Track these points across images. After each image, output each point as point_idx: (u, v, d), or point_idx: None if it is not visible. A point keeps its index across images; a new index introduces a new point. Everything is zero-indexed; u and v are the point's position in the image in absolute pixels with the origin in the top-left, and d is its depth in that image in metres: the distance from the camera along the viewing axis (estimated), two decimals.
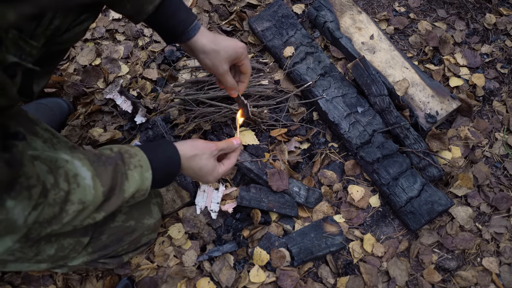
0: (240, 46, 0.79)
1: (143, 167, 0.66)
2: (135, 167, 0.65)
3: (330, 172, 1.17)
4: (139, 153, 0.67)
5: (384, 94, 1.18)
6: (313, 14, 1.39)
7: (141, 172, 0.66)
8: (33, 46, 0.60)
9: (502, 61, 1.38)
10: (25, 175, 0.48)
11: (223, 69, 0.78)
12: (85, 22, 0.73)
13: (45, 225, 0.54)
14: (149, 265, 1.03)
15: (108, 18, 1.43)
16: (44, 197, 0.52)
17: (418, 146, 1.14)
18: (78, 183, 0.57)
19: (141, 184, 0.66)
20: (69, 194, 0.55)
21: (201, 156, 0.75)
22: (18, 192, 0.47)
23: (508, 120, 1.26)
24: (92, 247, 0.77)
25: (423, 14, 1.50)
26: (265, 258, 1.02)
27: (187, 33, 0.76)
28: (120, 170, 0.63)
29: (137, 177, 0.65)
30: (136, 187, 0.65)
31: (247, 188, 1.08)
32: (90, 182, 0.58)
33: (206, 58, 0.78)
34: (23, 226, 0.50)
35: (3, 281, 1.00)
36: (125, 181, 0.63)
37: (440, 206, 1.05)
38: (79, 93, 1.26)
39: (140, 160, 0.66)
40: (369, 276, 1.02)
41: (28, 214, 0.50)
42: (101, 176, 0.60)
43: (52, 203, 0.53)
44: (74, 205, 0.56)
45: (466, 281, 1.03)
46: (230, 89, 0.83)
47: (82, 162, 0.59)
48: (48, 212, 0.53)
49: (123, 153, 0.65)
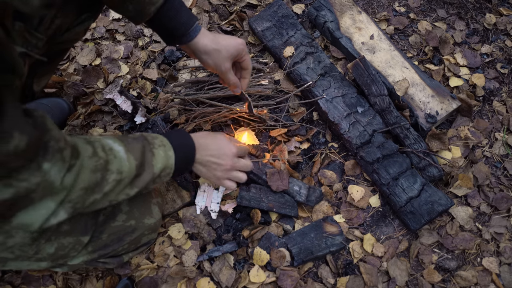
0: (240, 43, 0.80)
1: (166, 146, 0.71)
2: (159, 146, 0.70)
3: (330, 172, 1.17)
4: (159, 136, 0.73)
5: (384, 94, 1.18)
6: (313, 14, 1.39)
7: (165, 151, 0.71)
8: (38, 38, 0.61)
9: (502, 61, 1.38)
10: (53, 139, 0.51)
11: (225, 67, 0.80)
12: (85, 22, 0.73)
13: (89, 192, 0.57)
14: (149, 265, 1.03)
15: (108, 18, 1.43)
16: (75, 158, 0.54)
17: (418, 146, 1.14)
18: (115, 155, 0.61)
19: (167, 162, 0.71)
20: (108, 163, 0.59)
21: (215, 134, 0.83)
22: (52, 154, 0.50)
23: (508, 120, 1.26)
24: (93, 246, 0.77)
25: (423, 14, 1.50)
26: (265, 258, 1.02)
27: (188, 34, 0.76)
28: (147, 148, 0.68)
29: (162, 154, 0.70)
30: (163, 163, 0.70)
31: (247, 188, 1.08)
32: (124, 155, 0.62)
33: (209, 59, 0.79)
34: (61, 188, 0.53)
35: (3, 281, 1.00)
36: (153, 158, 0.68)
37: (440, 206, 1.05)
38: (79, 93, 1.26)
39: (162, 141, 0.72)
40: (369, 276, 1.02)
41: (63, 175, 0.52)
42: (133, 151, 0.64)
43: (94, 169, 0.57)
44: (113, 174, 0.60)
45: (466, 281, 1.03)
46: (233, 86, 0.85)
47: (113, 139, 0.64)
48: (91, 177, 0.56)
49: (146, 136, 0.71)
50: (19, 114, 0.45)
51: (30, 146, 0.46)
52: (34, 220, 0.53)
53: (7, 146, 0.42)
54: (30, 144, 0.45)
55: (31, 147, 0.46)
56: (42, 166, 0.49)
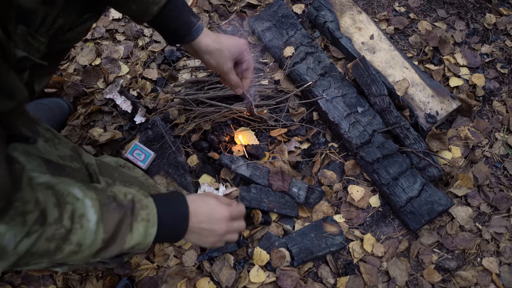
0: (242, 43, 0.80)
1: (150, 221, 0.65)
2: (142, 220, 0.64)
3: (330, 172, 1.17)
4: (150, 205, 0.66)
5: (384, 94, 1.18)
6: (313, 14, 1.39)
7: (147, 227, 0.64)
8: (40, 42, 0.60)
9: (502, 61, 1.38)
10: (21, 200, 0.47)
11: (227, 67, 0.79)
12: (87, 22, 0.73)
13: (36, 257, 0.52)
14: (149, 265, 1.03)
15: (108, 18, 1.43)
16: (39, 225, 0.50)
17: (418, 146, 1.14)
18: (82, 225, 0.55)
19: (143, 239, 0.64)
20: (70, 233, 0.54)
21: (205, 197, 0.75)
22: (11, 217, 0.46)
23: (508, 120, 1.26)
24: None
25: (423, 14, 1.50)
26: (265, 258, 1.02)
27: (191, 34, 0.76)
28: (127, 221, 0.62)
29: (141, 230, 0.64)
30: (138, 240, 0.64)
31: (248, 189, 1.08)
32: (94, 226, 0.57)
33: (211, 58, 0.78)
34: (12, 254, 0.49)
35: (3, 281, 1.00)
36: (129, 233, 0.62)
37: (440, 206, 1.05)
38: (79, 93, 1.26)
39: (149, 214, 0.65)
40: (369, 276, 1.02)
41: (19, 240, 0.48)
42: (107, 222, 0.59)
43: (50, 238, 0.52)
44: (71, 246, 0.55)
45: (466, 281, 1.03)
46: (235, 86, 0.84)
47: (93, 202, 0.58)
48: (43, 245, 0.52)
49: (135, 202, 0.64)
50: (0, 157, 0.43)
51: None
52: None
53: None
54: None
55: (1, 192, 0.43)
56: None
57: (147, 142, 1.16)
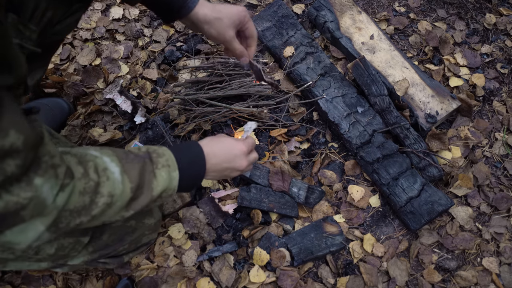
0: (241, 9, 0.78)
1: (171, 166, 0.67)
2: (163, 166, 0.66)
3: (330, 172, 1.17)
4: (167, 153, 0.68)
5: (384, 94, 1.18)
6: (313, 14, 1.39)
7: (169, 172, 0.66)
8: (32, 30, 0.59)
9: (502, 61, 1.38)
10: (48, 154, 0.49)
11: (229, 35, 0.77)
12: (76, 13, 0.73)
13: (75, 215, 0.54)
14: (149, 265, 1.03)
15: (108, 18, 1.43)
16: (70, 178, 0.52)
17: (418, 146, 1.14)
18: (108, 176, 0.57)
19: (169, 184, 0.66)
20: (99, 185, 0.56)
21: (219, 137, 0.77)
22: (44, 170, 0.48)
23: (508, 120, 1.26)
24: (93, 246, 0.77)
25: (423, 14, 1.50)
26: (265, 258, 1.02)
27: (186, 6, 0.74)
28: (148, 169, 0.64)
29: (164, 176, 0.66)
30: (164, 185, 0.66)
31: (248, 189, 1.08)
32: (119, 177, 0.59)
33: (211, 28, 0.76)
34: (52, 208, 0.50)
35: (3, 281, 1.00)
36: (153, 180, 0.64)
37: (440, 206, 1.05)
38: (79, 93, 1.26)
39: (167, 159, 0.67)
40: (369, 276, 1.02)
41: (56, 194, 0.49)
42: (129, 172, 0.61)
43: (83, 191, 0.54)
44: (103, 198, 0.57)
45: (466, 281, 1.03)
46: (240, 55, 0.82)
47: (111, 158, 0.60)
48: (78, 200, 0.54)
49: (151, 153, 0.66)
50: (18, 114, 0.44)
51: (26, 147, 0.44)
52: (21, 241, 0.51)
53: (2, 141, 0.41)
54: (26, 144, 0.44)
55: (28, 149, 0.44)
56: (33, 181, 0.46)
57: (147, 142, 1.16)
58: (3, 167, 0.42)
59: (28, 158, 0.45)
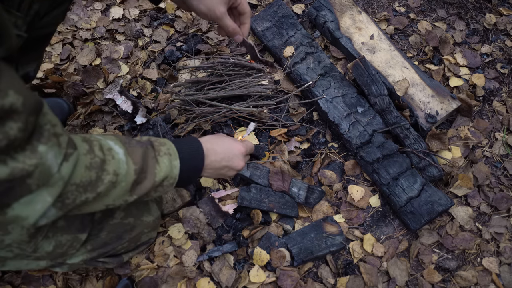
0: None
1: (172, 155, 0.68)
2: (165, 154, 0.67)
3: (330, 172, 1.17)
4: (167, 143, 0.70)
5: (384, 94, 1.18)
6: (313, 14, 1.39)
7: (170, 160, 0.67)
8: (18, 17, 0.59)
9: (502, 61, 1.38)
10: (50, 123, 0.49)
11: (220, 11, 0.74)
12: (62, 5, 0.73)
13: (81, 190, 0.55)
14: (149, 265, 1.03)
15: (108, 18, 1.43)
16: (72, 148, 0.52)
17: (418, 146, 1.14)
18: (113, 156, 0.58)
19: (170, 171, 0.67)
20: (105, 163, 0.57)
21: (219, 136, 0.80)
22: (47, 138, 0.48)
23: (508, 120, 1.26)
24: (92, 244, 0.77)
25: (423, 14, 1.50)
26: (265, 258, 1.02)
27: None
28: (151, 154, 0.65)
29: (166, 163, 0.67)
30: (166, 172, 0.66)
31: (248, 189, 1.08)
32: (123, 157, 0.60)
33: (200, 4, 0.74)
34: (58, 177, 0.50)
35: (3, 281, 1.00)
36: (156, 165, 0.65)
37: (440, 206, 1.05)
38: (79, 93, 1.26)
39: (169, 148, 0.68)
40: (369, 276, 1.02)
41: (60, 163, 0.50)
42: (133, 155, 0.62)
43: (89, 166, 0.55)
44: (109, 175, 0.57)
45: (466, 281, 1.03)
46: (233, 33, 0.79)
47: (115, 141, 0.61)
48: (85, 175, 0.54)
49: (153, 141, 0.68)
50: (16, 77, 0.44)
51: (26, 109, 0.44)
52: (29, 214, 0.51)
53: (2, 101, 0.41)
54: (25, 106, 0.43)
55: (28, 111, 0.44)
56: (37, 148, 0.47)
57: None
58: (5, 130, 0.42)
59: (30, 122, 0.46)
